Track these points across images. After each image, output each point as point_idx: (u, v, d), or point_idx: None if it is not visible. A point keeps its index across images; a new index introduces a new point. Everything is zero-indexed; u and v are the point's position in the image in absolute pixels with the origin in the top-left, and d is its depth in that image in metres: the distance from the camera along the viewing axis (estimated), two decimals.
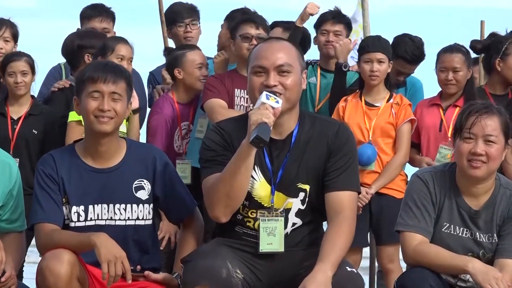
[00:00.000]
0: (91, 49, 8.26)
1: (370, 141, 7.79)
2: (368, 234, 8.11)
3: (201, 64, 8.16)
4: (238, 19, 8.09)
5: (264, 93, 5.15)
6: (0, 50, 8.51)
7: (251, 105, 6.29)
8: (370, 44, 8.15)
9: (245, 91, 7.65)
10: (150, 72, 8.83)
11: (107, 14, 9.05)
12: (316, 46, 8.55)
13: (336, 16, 8.48)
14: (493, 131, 5.33)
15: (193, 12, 8.88)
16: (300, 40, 8.20)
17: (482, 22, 9.25)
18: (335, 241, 5.17)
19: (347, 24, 8.59)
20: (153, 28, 9.64)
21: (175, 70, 8.28)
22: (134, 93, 6.67)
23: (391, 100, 8.00)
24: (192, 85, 8.19)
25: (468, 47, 8.36)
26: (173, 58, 8.39)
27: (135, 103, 7.20)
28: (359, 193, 5.64)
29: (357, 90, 8.12)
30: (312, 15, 8.42)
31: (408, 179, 7.74)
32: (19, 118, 7.85)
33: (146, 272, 5.43)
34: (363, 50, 8.10)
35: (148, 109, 8.56)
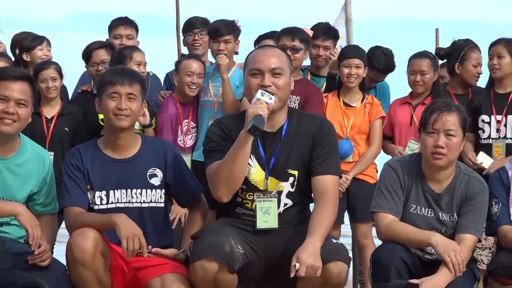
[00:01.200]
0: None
1: (348, 137, 7.83)
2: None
3: (190, 72, 8.03)
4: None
5: (260, 90, 5.20)
6: (44, 57, 8.56)
7: None
8: (349, 51, 8.18)
9: None
10: (166, 74, 8.79)
11: (131, 23, 8.99)
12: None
13: (326, 32, 8.47)
14: (453, 126, 5.36)
15: (203, 25, 8.73)
16: None
17: (437, 30, 9.31)
18: (322, 217, 5.22)
19: (335, 37, 8.60)
20: (172, 38, 9.71)
21: (174, 74, 8.31)
22: (146, 112, 6.75)
23: (365, 100, 8.05)
24: (181, 89, 8.14)
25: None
26: (175, 64, 8.39)
27: (146, 119, 7.31)
28: (341, 177, 5.68)
29: (335, 91, 8.16)
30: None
31: (378, 168, 7.94)
32: (52, 118, 7.84)
33: (154, 249, 5.42)
34: (343, 57, 8.10)
35: None
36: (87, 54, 8.44)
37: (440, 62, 8.85)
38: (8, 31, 9.73)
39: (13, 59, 8.63)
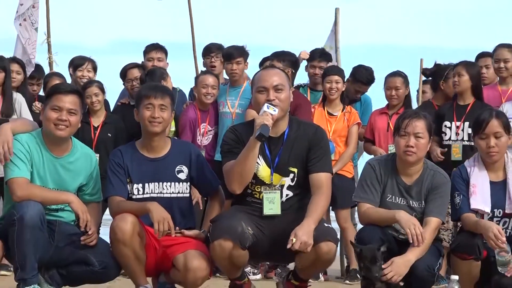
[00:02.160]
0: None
1: (331, 139, 7.68)
2: None
3: (206, 84, 8.10)
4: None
5: (266, 104, 5.24)
6: (84, 78, 8.62)
7: None
8: (330, 70, 8.28)
9: None
10: (190, 88, 8.76)
11: (161, 48, 8.97)
12: (307, 72, 8.65)
13: (321, 55, 8.58)
14: (421, 130, 5.37)
15: (218, 49, 8.74)
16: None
17: (421, 60, 9.13)
18: (317, 206, 5.26)
19: (329, 59, 8.65)
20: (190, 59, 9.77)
21: (193, 87, 8.43)
22: None
23: (344, 110, 8.13)
24: (199, 98, 8.19)
25: (406, 73, 8.44)
26: (194, 79, 8.50)
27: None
28: (332, 174, 5.65)
29: (320, 102, 8.24)
30: (304, 59, 8.57)
31: (354, 165, 8.18)
32: (98, 126, 7.92)
33: (182, 230, 5.47)
34: (325, 75, 8.22)
35: None
36: (124, 73, 8.57)
37: (423, 78, 8.97)
38: (63, 54, 9.72)
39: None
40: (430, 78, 8.79)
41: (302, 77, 8.92)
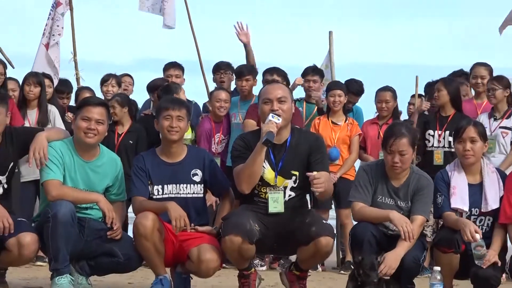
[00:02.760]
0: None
1: (335, 146, 7.90)
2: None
3: (219, 99, 8.12)
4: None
5: (270, 114, 5.24)
6: (109, 92, 8.63)
7: None
8: (333, 85, 8.33)
9: None
10: (204, 102, 8.79)
11: (178, 66, 8.96)
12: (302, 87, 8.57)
13: (314, 70, 8.55)
14: (404, 147, 5.33)
15: (227, 66, 8.78)
16: None
17: (416, 77, 9.05)
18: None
19: (321, 74, 8.64)
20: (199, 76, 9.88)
21: (207, 101, 8.47)
22: None
23: (347, 121, 8.13)
24: (214, 111, 8.19)
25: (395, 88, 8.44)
26: (209, 94, 8.55)
27: None
28: (329, 174, 5.64)
29: (325, 113, 8.23)
30: (299, 85, 8.57)
31: (356, 169, 7.90)
32: (122, 133, 7.89)
33: (196, 226, 5.46)
34: (329, 89, 8.25)
35: None
36: (152, 87, 8.60)
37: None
38: (90, 72, 9.76)
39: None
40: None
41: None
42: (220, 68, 8.86)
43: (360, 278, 5.13)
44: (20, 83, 8.18)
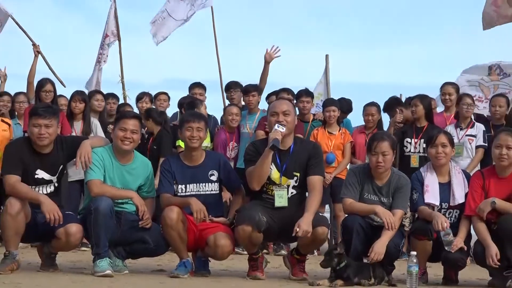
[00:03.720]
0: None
1: (331, 151, 7.85)
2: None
3: (231, 113, 8.13)
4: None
5: (276, 124, 5.27)
6: (143, 107, 8.60)
7: None
8: (328, 102, 8.30)
9: None
10: (221, 116, 8.68)
11: (201, 86, 8.94)
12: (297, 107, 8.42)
13: (306, 93, 8.44)
14: (386, 149, 5.32)
15: (236, 85, 8.74)
16: None
17: (400, 95, 9.03)
18: (313, 202, 5.28)
19: (312, 95, 8.53)
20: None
21: (222, 115, 8.46)
22: None
23: (340, 131, 8.08)
24: (227, 123, 8.19)
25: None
26: (223, 110, 8.53)
27: None
28: (324, 177, 5.69)
29: (322, 125, 8.15)
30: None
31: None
32: (150, 140, 7.98)
33: (212, 218, 5.42)
34: (325, 106, 8.23)
35: None
36: (181, 104, 8.54)
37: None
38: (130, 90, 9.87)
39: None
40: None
41: None
42: (230, 87, 8.83)
43: (333, 258, 5.17)
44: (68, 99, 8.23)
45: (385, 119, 8.42)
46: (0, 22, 9.64)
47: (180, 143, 6.90)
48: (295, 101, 8.15)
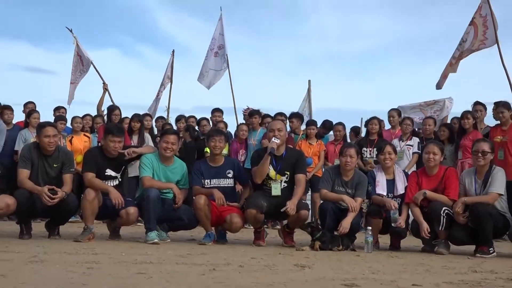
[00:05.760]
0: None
1: (311, 156, 7.78)
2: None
3: (242, 129, 8.05)
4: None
5: (273, 137, 5.24)
6: (181, 127, 8.33)
7: None
8: (310, 123, 8.26)
9: None
10: (234, 131, 8.49)
11: (220, 110, 8.70)
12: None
13: (296, 114, 8.39)
14: (352, 153, 5.31)
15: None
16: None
17: (361, 118, 8.95)
18: (298, 191, 5.23)
19: (301, 118, 8.49)
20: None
21: (235, 130, 8.32)
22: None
23: (317, 142, 8.02)
24: (238, 136, 8.07)
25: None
26: (236, 127, 8.41)
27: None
28: (306, 174, 5.66)
29: (304, 138, 8.07)
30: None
31: (322, 170, 7.78)
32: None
33: (228, 203, 5.34)
34: (307, 125, 8.21)
35: None
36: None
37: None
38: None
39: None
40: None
41: None
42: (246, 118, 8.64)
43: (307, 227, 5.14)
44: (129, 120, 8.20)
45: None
46: (86, 67, 9.66)
47: (207, 150, 6.86)
48: (287, 121, 8.07)
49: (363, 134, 8.32)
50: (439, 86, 8.77)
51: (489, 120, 7.40)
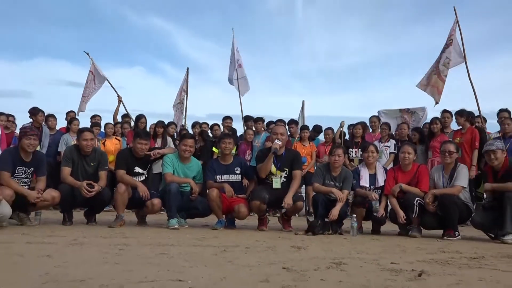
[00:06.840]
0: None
1: (304, 156, 7.68)
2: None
3: (248, 133, 8.00)
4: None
5: (276, 139, 5.19)
6: (196, 132, 8.23)
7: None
8: (303, 128, 8.17)
9: None
10: (241, 134, 8.44)
11: (230, 118, 8.68)
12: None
13: (294, 121, 8.40)
14: (340, 153, 5.27)
15: (250, 118, 8.53)
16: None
17: (341, 122, 8.55)
18: (294, 185, 5.18)
19: (297, 123, 8.45)
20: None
21: (243, 134, 8.29)
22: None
23: (310, 144, 7.98)
24: (245, 139, 8.03)
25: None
26: (244, 132, 8.34)
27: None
28: (301, 171, 5.47)
29: (299, 140, 8.05)
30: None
31: (315, 167, 7.70)
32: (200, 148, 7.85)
33: (237, 195, 5.30)
34: (300, 130, 8.15)
35: None
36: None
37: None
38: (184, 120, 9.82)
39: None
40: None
41: None
42: (247, 119, 8.67)
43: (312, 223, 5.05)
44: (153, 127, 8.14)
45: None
46: (98, 85, 9.38)
47: (215, 150, 6.79)
48: (287, 126, 8.04)
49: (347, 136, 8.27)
50: (436, 102, 8.28)
51: (455, 126, 7.37)
